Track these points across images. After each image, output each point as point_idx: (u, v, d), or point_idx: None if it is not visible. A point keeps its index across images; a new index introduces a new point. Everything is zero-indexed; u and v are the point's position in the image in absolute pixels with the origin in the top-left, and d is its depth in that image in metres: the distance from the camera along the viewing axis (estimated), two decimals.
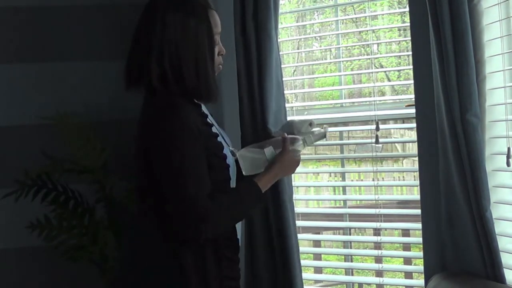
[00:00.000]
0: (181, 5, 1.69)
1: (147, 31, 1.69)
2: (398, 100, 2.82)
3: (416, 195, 2.44)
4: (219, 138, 1.76)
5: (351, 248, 2.92)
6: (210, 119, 1.78)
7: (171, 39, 1.66)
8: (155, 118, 1.66)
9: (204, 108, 1.81)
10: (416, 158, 2.34)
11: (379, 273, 2.60)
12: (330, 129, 2.93)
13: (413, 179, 2.55)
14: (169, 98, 1.67)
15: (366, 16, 2.70)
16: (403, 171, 5.30)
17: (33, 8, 2.87)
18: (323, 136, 1.93)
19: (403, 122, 2.85)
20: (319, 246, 4.56)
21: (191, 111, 1.68)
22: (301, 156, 1.92)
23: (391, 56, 5.73)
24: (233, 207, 1.68)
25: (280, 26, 2.64)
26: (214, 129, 1.76)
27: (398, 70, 6.10)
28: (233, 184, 1.79)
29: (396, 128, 4.10)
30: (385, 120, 2.63)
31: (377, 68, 4.35)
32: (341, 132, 2.78)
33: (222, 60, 1.80)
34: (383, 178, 4.32)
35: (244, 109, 2.48)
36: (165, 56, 1.65)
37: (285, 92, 2.57)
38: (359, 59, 4.06)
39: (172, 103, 1.66)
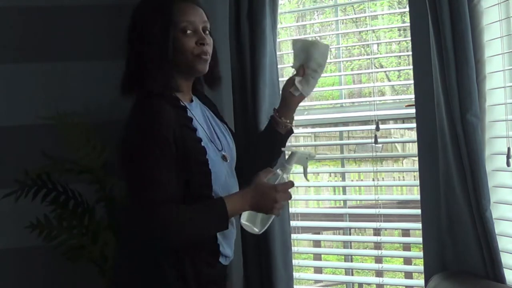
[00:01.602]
0: (143, 3, 1.77)
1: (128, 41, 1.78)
2: (398, 100, 2.82)
3: (416, 195, 2.44)
4: (203, 143, 1.72)
5: (351, 248, 2.91)
6: (196, 123, 1.75)
7: (129, 39, 1.75)
8: (131, 121, 1.69)
9: (192, 111, 1.78)
10: (416, 158, 2.33)
11: (379, 273, 2.60)
12: (329, 129, 2.94)
13: (413, 179, 2.55)
14: (150, 101, 1.67)
15: (366, 16, 2.70)
16: (403, 171, 5.29)
17: (33, 8, 2.88)
18: (302, 158, 1.77)
19: (403, 122, 2.85)
20: (319, 246, 4.56)
21: (171, 115, 1.66)
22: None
23: (391, 56, 5.74)
24: (192, 222, 1.63)
25: (280, 26, 2.64)
26: (199, 134, 1.73)
27: (398, 70, 6.10)
28: (218, 189, 1.74)
29: (396, 128, 4.10)
30: (385, 120, 2.63)
31: (377, 68, 4.35)
32: (341, 132, 2.78)
33: (209, 49, 1.76)
34: (383, 178, 4.32)
35: (237, 109, 2.47)
36: (129, 58, 1.75)
37: None
38: (359, 59, 4.06)
39: (151, 107, 1.66)
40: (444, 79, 2.05)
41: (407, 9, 2.30)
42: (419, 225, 2.33)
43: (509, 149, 2.00)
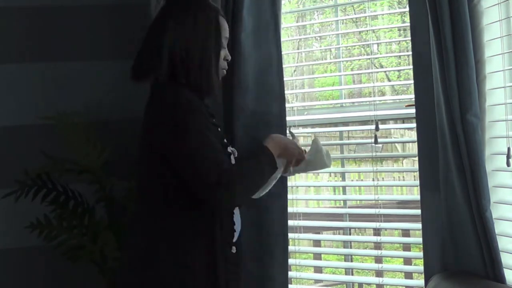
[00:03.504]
0: (194, 6, 1.83)
1: (161, 28, 1.81)
2: (398, 100, 2.82)
3: (416, 195, 2.44)
4: (220, 130, 1.88)
5: (351, 248, 2.91)
6: (211, 112, 1.87)
7: (182, 35, 1.78)
8: (168, 102, 1.72)
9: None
10: (416, 158, 2.33)
11: (379, 273, 2.60)
12: (329, 129, 2.94)
13: (413, 179, 2.55)
14: (178, 89, 1.75)
15: (366, 16, 2.70)
16: (403, 171, 5.30)
17: (33, 8, 2.88)
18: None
19: (403, 122, 2.85)
20: (319, 245, 4.56)
21: (199, 102, 1.77)
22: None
23: (391, 56, 5.74)
24: (253, 169, 1.77)
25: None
26: (215, 121, 1.87)
27: (398, 70, 6.11)
28: None
29: (396, 128, 4.10)
30: (385, 120, 2.63)
31: (377, 68, 4.36)
32: (341, 132, 2.78)
33: (227, 66, 1.92)
34: (383, 178, 4.32)
35: (226, 114, 2.48)
36: (175, 50, 1.77)
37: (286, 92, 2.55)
38: (359, 59, 4.07)
39: (180, 92, 1.74)
40: (444, 79, 2.05)
41: (407, 9, 2.30)
42: (419, 225, 2.33)
43: (509, 149, 2.00)
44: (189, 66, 1.77)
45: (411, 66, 2.31)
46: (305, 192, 4.53)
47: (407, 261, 3.10)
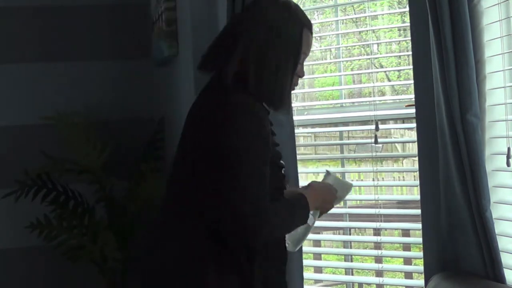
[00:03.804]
0: (283, 12, 1.70)
1: (242, 23, 1.69)
2: (398, 100, 2.82)
3: (416, 195, 2.44)
4: (278, 148, 1.75)
5: (351, 248, 2.91)
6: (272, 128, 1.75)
7: (264, 40, 1.65)
8: (232, 115, 1.59)
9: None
10: (416, 158, 2.33)
11: (379, 273, 2.60)
12: (329, 129, 2.94)
13: (413, 179, 2.55)
14: (246, 97, 1.63)
15: (366, 16, 2.70)
16: (403, 171, 5.30)
17: (33, 8, 2.88)
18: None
19: (403, 122, 2.85)
20: (319, 245, 4.56)
21: (265, 115, 1.65)
22: (302, 156, 1.92)
23: (391, 56, 5.74)
24: (286, 216, 1.65)
25: None
26: (275, 138, 1.74)
27: (398, 70, 6.11)
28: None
29: (396, 128, 4.10)
30: (385, 120, 2.63)
31: (377, 68, 4.36)
32: (341, 132, 2.78)
33: (298, 83, 1.81)
34: (383, 178, 4.32)
35: None
36: (251, 52, 1.64)
37: None
38: (359, 59, 4.06)
39: (251, 103, 1.62)
40: (444, 79, 2.05)
41: (407, 9, 2.30)
42: (419, 225, 2.33)
43: (509, 149, 2.00)
44: (264, 74, 1.64)
45: (411, 66, 2.31)
46: None
47: (407, 261, 3.10)
